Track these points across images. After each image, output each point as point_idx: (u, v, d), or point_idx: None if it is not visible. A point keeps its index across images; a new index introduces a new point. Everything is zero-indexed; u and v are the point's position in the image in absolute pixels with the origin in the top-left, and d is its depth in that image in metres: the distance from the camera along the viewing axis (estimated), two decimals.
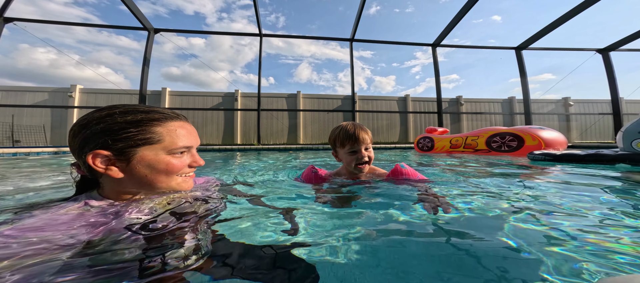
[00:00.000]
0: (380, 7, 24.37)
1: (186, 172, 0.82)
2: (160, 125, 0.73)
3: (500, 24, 37.92)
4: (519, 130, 4.08)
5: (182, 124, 0.80)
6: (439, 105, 9.86)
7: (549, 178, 1.71)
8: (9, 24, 7.45)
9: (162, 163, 0.73)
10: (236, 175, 1.96)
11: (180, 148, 0.76)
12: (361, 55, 33.49)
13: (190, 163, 0.82)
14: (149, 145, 0.71)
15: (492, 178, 1.65)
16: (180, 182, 0.80)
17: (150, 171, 0.72)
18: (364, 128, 1.32)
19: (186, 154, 0.80)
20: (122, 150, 0.68)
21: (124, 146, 0.68)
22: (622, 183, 1.50)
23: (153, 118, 0.73)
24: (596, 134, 13.47)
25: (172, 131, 0.75)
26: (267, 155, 4.77)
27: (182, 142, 0.77)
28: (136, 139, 0.69)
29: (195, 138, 0.83)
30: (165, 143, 0.73)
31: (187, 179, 0.83)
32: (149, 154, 0.71)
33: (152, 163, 0.72)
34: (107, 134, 0.67)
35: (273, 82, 32.98)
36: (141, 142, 0.70)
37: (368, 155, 1.30)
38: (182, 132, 0.78)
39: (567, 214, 0.86)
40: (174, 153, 0.75)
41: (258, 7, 7.91)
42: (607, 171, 1.98)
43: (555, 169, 2.14)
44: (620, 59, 11.40)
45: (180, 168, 0.77)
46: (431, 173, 2.01)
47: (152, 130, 0.71)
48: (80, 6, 39.08)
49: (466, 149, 4.83)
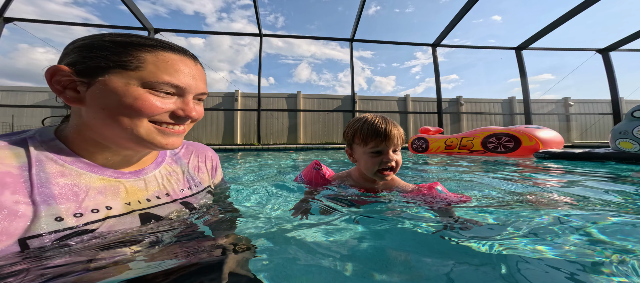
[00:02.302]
0: (380, 7, 24.37)
1: (165, 121, 0.57)
2: (150, 51, 0.54)
3: (500, 24, 37.96)
4: (515, 130, 4.04)
5: (184, 59, 0.58)
6: (439, 105, 9.86)
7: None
8: (9, 24, 7.45)
9: (129, 96, 0.51)
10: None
11: (165, 84, 0.54)
12: (361, 55, 33.53)
13: (175, 111, 0.57)
14: (122, 71, 0.51)
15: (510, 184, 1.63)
16: (153, 132, 0.56)
17: (110, 104, 0.51)
18: (395, 124, 1.04)
19: (175, 98, 0.57)
20: (87, 70, 0.51)
21: (91, 65, 0.51)
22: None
23: (147, 43, 0.55)
24: (596, 134, 13.47)
25: (162, 60, 0.54)
26: (265, 158, 4.77)
27: (172, 76, 0.54)
28: (110, 59, 0.51)
29: (195, 80, 0.59)
30: (145, 72, 0.52)
31: (168, 131, 0.58)
32: (117, 81, 0.51)
33: (115, 93, 0.51)
34: (84, 49, 0.52)
35: (273, 82, 32.98)
36: (113, 64, 0.51)
37: (396, 159, 1.01)
38: (178, 67, 0.56)
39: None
40: (154, 88, 0.53)
41: (258, 7, 7.91)
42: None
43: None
44: (620, 59, 11.40)
45: (156, 111, 0.54)
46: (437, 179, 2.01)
47: (135, 53, 0.53)
48: (80, 6, 39.11)
49: (461, 150, 4.77)
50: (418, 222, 0.77)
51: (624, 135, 2.83)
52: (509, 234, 0.68)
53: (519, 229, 0.71)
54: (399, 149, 1.04)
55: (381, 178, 1.03)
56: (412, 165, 2.93)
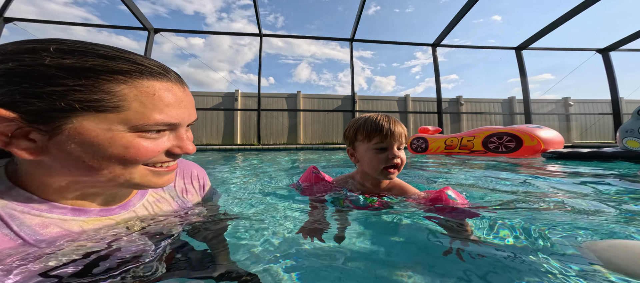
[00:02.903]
0: (380, 7, 24.36)
1: (161, 161, 0.50)
2: (126, 83, 0.42)
3: (500, 24, 37.87)
4: (516, 129, 4.01)
5: (170, 86, 0.48)
6: (439, 105, 9.86)
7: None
8: (9, 24, 7.45)
9: (117, 146, 0.43)
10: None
11: (157, 125, 0.45)
12: (361, 55, 33.49)
13: (170, 149, 0.50)
14: (96, 113, 0.40)
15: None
16: (147, 176, 0.49)
17: (92, 155, 0.42)
18: (398, 122, 1.02)
19: (168, 134, 0.49)
20: (41, 115, 0.38)
21: (45, 108, 0.38)
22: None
23: (115, 69, 0.41)
24: (596, 134, 13.46)
25: (147, 95, 0.44)
26: (266, 159, 4.76)
27: (163, 114, 0.46)
28: (72, 99, 0.38)
29: (187, 110, 0.51)
30: (130, 112, 0.42)
31: (162, 171, 0.52)
32: (94, 128, 0.41)
33: (95, 144, 0.41)
34: (16, 81, 0.37)
35: (273, 82, 32.95)
36: (81, 106, 0.39)
37: (400, 156, 0.99)
38: (167, 99, 0.46)
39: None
40: (143, 131, 0.45)
41: (258, 6, 7.91)
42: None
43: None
44: (620, 59, 11.40)
45: (151, 156, 0.47)
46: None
47: (107, 88, 0.40)
48: (80, 6, 39.05)
49: (462, 150, 4.72)
50: (428, 235, 0.72)
51: (631, 134, 2.86)
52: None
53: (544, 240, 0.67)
54: (402, 147, 1.02)
55: (386, 176, 0.99)
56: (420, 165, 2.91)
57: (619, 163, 2.57)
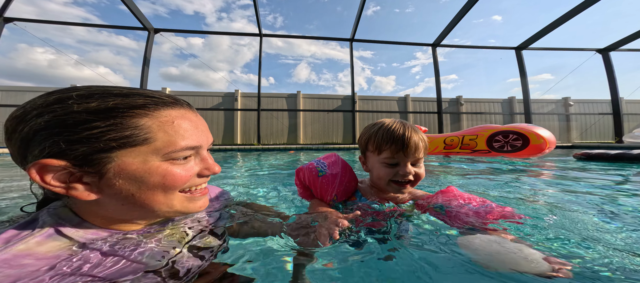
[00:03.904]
0: (380, 7, 24.40)
1: (195, 185, 0.57)
2: (146, 115, 0.48)
3: (501, 24, 37.93)
4: (520, 127, 3.99)
5: (184, 113, 0.54)
6: (439, 105, 9.86)
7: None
8: (9, 24, 7.45)
9: (156, 175, 0.49)
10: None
11: (183, 150, 0.52)
12: (361, 55, 33.54)
13: (200, 172, 0.57)
14: (131, 148, 0.46)
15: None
16: (184, 202, 0.55)
17: (138, 187, 0.48)
18: (417, 130, 0.90)
19: (193, 158, 0.56)
20: (87, 158, 0.44)
21: (89, 151, 0.44)
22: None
23: (134, 104, 0.47)
24: (596, 134, 13.47)
25: (168, 123, 0.50)
26: (267, 160, 4.76)
27: (186, 139, 0.52)
28: (109, 139, 0.44)
29: (204, 133, 0.57)
30: (158, 142, 0.48)
31: (197, 196, 0.58)
32: (133, 162, 0.47)
33: (138, 178, 0.48)
34: (57, 131, 0.42)
35: (273, 82, 33.00)
36: (117, 144, 0.45)
37: (416, 172, 0.87)
38: (185, 125, 0.52)
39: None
40: (174, 158, 0.51)
41: (258, 7, 7.91)
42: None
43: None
44: (620, 59, 11.40)
45: (186, 181, 0.53)
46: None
47: (131, 123, 0.46)
48: (80, 6, 39.10)
49: (463, 150, 4.61)
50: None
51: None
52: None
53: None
54: (421, 160, 0.89)
55: (396, 190, 0.89)
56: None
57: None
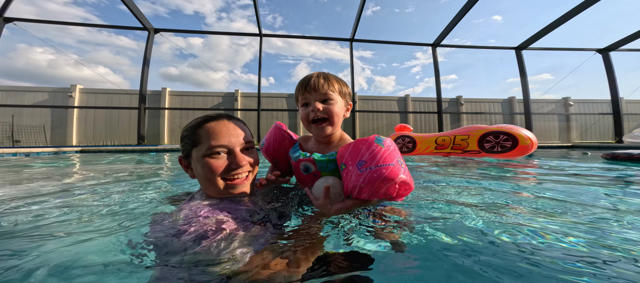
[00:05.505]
0: (380, 7, 24.35)
1: (231, 174, 0.79)
2: (202, 127, 0.79)
3: (501, 24, 37.90)
4: (508, 128, 3.87)
5: (218, 123, 0.80)
6: (439, 105, 9.86)
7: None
8: (9, 23, 7.45)
9: (203, 165, 0.77)
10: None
11: (214, 148, 0.76)
12: (361, 55, 33.43)
13: (229, 164, 0.78)
14: (196, 147, 0.78)
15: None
16: (224, 185, 0.79)
17: (199, 172, 0.79)
18: (328, 76, 0.98)
19: (224, 155, 0.79)
20: (186, 155, 0.82)
21: (185, 151, 0.82)
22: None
23: (200, 121, 0.80)
24: (596, 134, 13.47)
25: (208, 130, 0.78)
26: None
27: (215, 140, 0.77)
28: (189, 142, 0.79)
29: (233, 136, 0.80)
30: (203, 144, 0.77)
31: (234, 184, 0.80)
32: (196, 155, 0.78)
33: (198, 164, 0.78)
34: (182, 140, 0.83)
35: (273, 82, 32.95)
36: (190, 145, 0.79)
37: (324, 108, 0.94)
38: (217, 130, 0.78)
39: None
40: (211, 154, 0.77)
41: (258, 7, 7.91)
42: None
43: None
44: (620, 59, 11.39)
45: (218, 170, 0.77)
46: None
47: (197, 132, 0.78)
48: (80, 6, 39.04)
49: (454, 150, 4.39)
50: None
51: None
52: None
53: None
54: (337, 101, 0.97)
55: (316, 131, 0.98)
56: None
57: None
